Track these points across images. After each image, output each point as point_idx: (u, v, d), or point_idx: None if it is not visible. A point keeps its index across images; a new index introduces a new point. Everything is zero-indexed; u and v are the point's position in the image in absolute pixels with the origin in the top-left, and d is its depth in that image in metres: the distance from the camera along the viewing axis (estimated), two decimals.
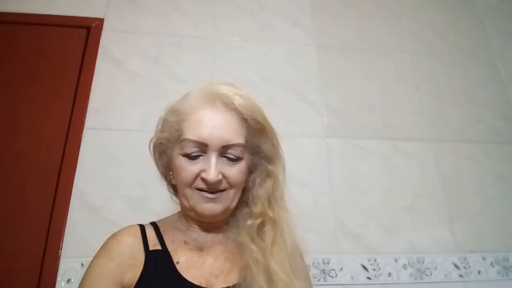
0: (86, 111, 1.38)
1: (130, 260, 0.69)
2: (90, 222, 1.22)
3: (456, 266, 1.34)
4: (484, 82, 1.71)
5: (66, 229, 1.21)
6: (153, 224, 0.78)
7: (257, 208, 0.73)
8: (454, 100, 1.65)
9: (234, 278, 0.70)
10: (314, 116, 1.53)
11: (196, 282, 0.67)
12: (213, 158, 0.67)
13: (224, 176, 0.69)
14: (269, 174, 0.75)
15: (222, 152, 0.68)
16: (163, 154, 0.76)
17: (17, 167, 1.29)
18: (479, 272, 1.34)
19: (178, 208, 0.82)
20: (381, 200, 1.42)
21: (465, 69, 1.72)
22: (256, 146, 0.73)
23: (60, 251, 1.18)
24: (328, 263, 1.29)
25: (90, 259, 0.71)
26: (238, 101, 0.69)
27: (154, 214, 0.81)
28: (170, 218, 0.81)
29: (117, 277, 0.68)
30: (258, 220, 0.72)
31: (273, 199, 0.74)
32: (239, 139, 0.69)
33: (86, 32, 1.52)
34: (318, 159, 1.45)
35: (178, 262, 0.70)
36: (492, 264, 1.36)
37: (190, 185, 0.69)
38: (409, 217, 1.40)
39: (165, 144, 0.74)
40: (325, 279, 1.27)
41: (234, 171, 0.70)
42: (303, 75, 1.59)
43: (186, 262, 0.70)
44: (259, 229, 0.72)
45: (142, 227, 0.76)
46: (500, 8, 1.90)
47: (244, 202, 0.76)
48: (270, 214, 0.73)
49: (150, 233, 0.74)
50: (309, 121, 1.52)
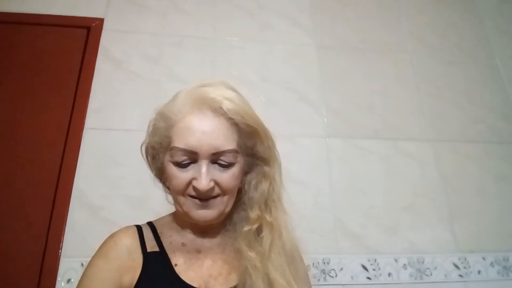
0: (86, 111, 1.38)
1: (128, 262, 0.68)
2: (90, 222, 1.22)
3: (456, 266, 1.34)
4: (484, 82, 1.71)
5: (66, 229, 1.21)
6: (149, 224, 0.77)
7: (253, 212, 0.71)
8: (454, 100, 1.65)
9: (233, 281, 0.69)
10: (314, 116, 1.53)
11: (195, 285, 0.67)
12: (203, 166, 0.65)
13: (216, 182, 0.67)
14: (265, 176, 0.73)
15: (213, 159, 0.66)
16: (156, 157, 0.75)
17: (17, 167, 1.30)
18: (479, 272, 1.34)
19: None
20: (381, 200, 1.42)
21: (465, 69, 1.72)
22: (250, 148, 0.71)
23: (60, 251, 1.18)
24: (328, 263, 1.29)
25: (90, 259, 0.70)
26: (226, 105, 0.66)
27: (154, 214, 0.80)
28: (166, 218, 0.80)
29: (115, 279, 0.67)
30: (255, 225, 0.71)
31: (270, 202, 0.73)
32: (230, 145, 0.67)
33: (86, 32, 1.52)
34: (318, 159, 1.45)
35: (176, 264, 0.69)
36: (492, 264, 1.36)
37: (182, 192, 0.68)
38: (409, 217, 1.40)
39: (156, 148, 0.72)
40: (325, 279, 1.27)
41: (226, 177, 0.67)
42: (303, 75, 1.59)
43: (184, 264, 0.70)
44: (257, 234, 0.71)
45: (139, 228, 0.75)
46: (500, 8, 1.90)
47: (240, 204, 0.74)
48: (267, 218, 0.71)
49: (148, 234, 0.74)
50: (309, 121, 1.52)
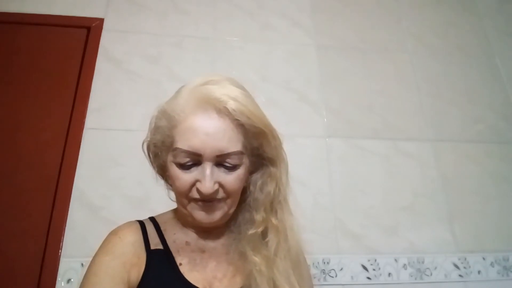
0: (86, 111, 1.38)
1: (134, 258, 0.66)
2: (90, 222, 1.22)
3: (456, 266, 1.34)
4: (484, 82, 1.71)
5: (66, 229, 1.21)
6: (152, 220, 0.75)
7: (258, 214, 0.69)
8: (454, 100, 1.65)
9: (237, 283, 0.68)
10: (314, 116, 1.53)
11: (199, 286, 0.65)
12: (207, 168, 0.63)
13: (220, 184, 0.65)
14: (271, 177, 0.71)
15: (218, 161, 0.64)
16: (158, 155, 0.72)
17: (17, 167, 1.29)
18: (479, 272, 1.34)
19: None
20: (381, 200, 1.42)
21: (465, 69, 1.72)
22: (256, 149, 0.69)
23: (60, 251, 1.18)
24: (328, 263, 1.29)
25: (90, 259, 0.69)
26: (232, 106, 0.63)
27: (154, 214, 0.80)
28: (169, 214, 0.78)
29: (123, 275, 0.64)
30: (260, 228, 0.69)
31: (276, 203, 0.71)
32: (235, 147, 0.64)
33: (86, 32, 1.52)
34: (318, 159, 1.45)
35: (181, 264, 0.67)
36: (492, 264, 1.36)
37: (186, 194, 0.66)
38: (409, 217, 1.40)
39: (159, 146, 0.70)
40: (325, 279, 1.27)
41: (231, 180, 0.65)
42: (303, 75, 1.59)
43: (189, 264, 0.68)
44: (262, 237, 0.69)
45: (142, 224, 0.73)
46: (500, 8, 1.90)
47: (245, 205, 0.72)
48: (273, 221, 0.69)
49: (151, 231, 0.72)
50: (309, 121, 1.52)
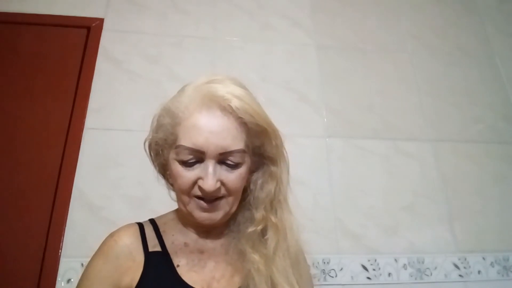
0: (86, 111, 1.38)
1: (128, 262, 0.67)
2: (90, 222, 1.22)
3: (456, 266, 1.34)
4: (484, 82, 1.71)
5: (66, 229, 1.21)
6: (152, 222, 0.76)
7: (258, 213, 0.70)
8: (454, 100, 1.65)
9: (235, 283, 0.68)
10: (314, 116, 1.53)
11: (197, 287, 0.65)
12: (210, 166, 0.63)
13: (222, 183, 0.65)
14: (272, 176, 0.71)
15: (220, 159, 0.64)
16: (160, 153, 0.72)
17: (17, 167, 1.29)
18: (479, 272, 1.34)
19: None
20: (381, 200, 1.42)
21: (465, 69, 1.72)
22: (257, 147, 0.69)
23: (60, 251, 1.18)
24: (328, 263, 1.29)
25: (90, 259, 0.70)
26: (236, 104, 0.63)
27: (154, 214, 0.80)
28: (168, 215, 0.78)
29: (114, 279, 0.66)
30: (260, 226, 0.69)
31: (276, 202, 0.71)
32: (238, 145, 0.65)
33: (86, 32, 1.52)
34: (318, 159, 1.45)
35: (178, 265, 0.68)
36: (492, 264, 1.36)
37: (187, 192, 0.66)
38: (409, 217, 1.40)
39: (161, 144, 0.70)
40: (325, 279, 1.27)
41: (233, 178, 0.66)
42: (303, 75, 1.59)
43: (187, 265, 0.68)
44: (261, 235, 0.69)
45: (141, 226, 0.73)
46: (500, 8, 1.90)
47: (245, 204, 0.72)
48: (273, 219, 0.69)
49: (149, 232, 0.72)
50: (309, 121, 1.52)
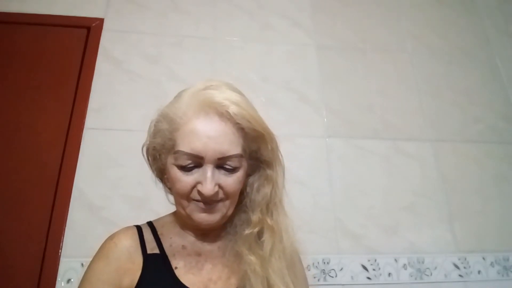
0: (86, 111, 1.38)
1: (128, 264, 0.68)
2: (90, 222, 1.22)
3: (456, 266, 1.34)
4: (484, 82, 1.71)
5: (66, 229, 1.21)
6: (150, 225, 0.77)
7: (255, 215, 0.71)
8: (454, 100, 1.65)
9: (232, 285, 0.70)
10: (314, 116, 1.53)
11: None
12: (209, 171, 0.65)
13: (220, 186, 0.67)
14: (268, 179, 0.73)
15: (218, 163, 0.66)
16: (157, 158, 0.74)
17: (17, 167, 1.29)
18: (479, 272, 1.34)
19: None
20: (381, 200, 1.42)
21: (465, 69, 1.72)
22: (254, 152, 0.71)
23: (60, 251, 1.18)
24: (328, 263, 1.29)
25: (90, 259, 0.71)
26: (233, 110, 0.65)
27: (154, 214, 0.80)
28: (166, 218, 0.80)
29: (115, 281, 0.67)
30: (256, 228, 0.70)
31: (271, 205, 0.73)
32: (236, 150, 0.66)
33: (86, 32, 1.52)
34: (318, 159, 1.45)
35: (176, 268, 0.69)
36: (492, 264, 1.36)
37: (186, 196, 0.67)
38: (409, 217, 1.40)
39: (158, 149, 0.72)
40: (325, 279, 1.27)
41: (231, 181, 0.67)
42: (303, 75, 1.59)
43: (184, 267, 0.69)
44: (258, 237, 0.71)
45: (139, 229, 0.74)
46: (500, 8, 1.90)
47: (241, 207, 0.74)
48: (269, 221, 0.71)
49: (148, 235, 0.73)
50: (309, 121, 1.52)
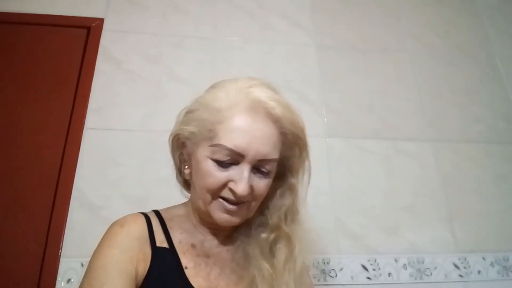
0: (86, 111, 1.38)
1: (140, 254, 0.64)
2: (90, 222, 1.22)
3: (456, 266, 1.34)
4: (484, 82, 1.71)
5: (66, 229, 1.21)
6: (157, 214, 0.73)
7: (273, 220, 0.70)
8: (454, 100, 1.65)
9: None
10: (314, 116, 1.53)
11: None
12: (246, 170, 0.63)
13: (252, 188, 0.65)
14: (291, 188, 0.72)
15: (256, 165, 0.64)
16: (183, 146, 0.71)
17: (17, 167, 1.29)
18: (479, 272, 1.34)
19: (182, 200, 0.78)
20: (381, 200, 1.41)
21: (465, 69, 1.72)
22: (285, 158, 0.70)
23: (60, 251, 1.18)
24: (328, 263, 1.29)
25: (98, 250, 0.66)
26: (281, 113, 0.65)
27: None
28: (175, 210, 0.76)
29: (132, 271, 0.62)
30: (273, 234, 0.69)
31: (290, 213, 0.72)
32: (276, 154, 0.66)
33: (86, 32, 1.52)
34: (318, 159, 1.45)
35: (186, 267, 0.66)
36: (492, 264, 1.36)
37: (214, 192, 0.65)
38: (409, 217, 1.40)
39: (188, 137, 0.68)
40: (325, 279, 1.27)
41: (262, 185, 0.66)
42: (303, 75, 1.59)
43: (194, 269, 0.66)
44: (273, 244, 0.69)
45: (147, 218, 0.71)
46: (500, 8, 1.89)
47: (261, 210, 0.72)
48: (285, 229, 0.70)
49: (156, 226, 0.70)
50: (309, 121, 1.49)
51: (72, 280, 1.15)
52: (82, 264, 1.16)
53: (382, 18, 1.77)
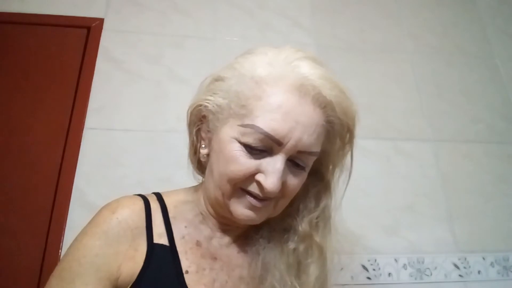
0: (86, 111, 1.38)
1: (130, 250, 0.53)
2: None
3: (456, 266, 1.34)
4: (484, 82, 1.71)
5: (66, 229, 1.21)
6: (159, 199, 0.61)
7: (303, 226, 0.58)
8: (454, 100, 1.65)
9: None
10: None
11: None
12: (281, 162, 0.51)
13: (283, 184, 0.53)
14: (327, 187, 0.63)
15: (294, 156, 0.53)
16: (203, 120, 0.58)
17: (17, 167, 1.29)
18: (479, 272, 1.34)
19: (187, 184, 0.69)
20: (381, 200, 1.42)
21: (464, 69, 1.72)
22: (325, 153, 0.59)
23: (60, 251, 1.18)
24: None
25: (82, 233, 0.57)
26: (335, 98, 0.54)
27: None
28: (180, 196, 0.63)
29: (111, 269, 0.52)
30: (303, 245, 0.58)
31: (323, 219, 0.61)
32: (318, 147, 0.54)
33: (86, 32, 1.52)
34: None
35: (187, 272, 0.54)
36: (492, 264, 1.36)
37: (236, 182, 0.53)
38: (409, 217, 1.40)
39: (212, 111, 0.55)
40: None
41: (296, 182, 0.55)
42: None
43: (196, 273, 0.55)
44: (302, 257, 0.58)
45: (146, 204, 0.59)
46: (500, 8, 1.90)
47: (289, 210, 0.60)
48: (317, 239, 0.59)
49: (156, 215, 0.58)
50: None
51: None
52: None
53: (382, 18, 1.77)
